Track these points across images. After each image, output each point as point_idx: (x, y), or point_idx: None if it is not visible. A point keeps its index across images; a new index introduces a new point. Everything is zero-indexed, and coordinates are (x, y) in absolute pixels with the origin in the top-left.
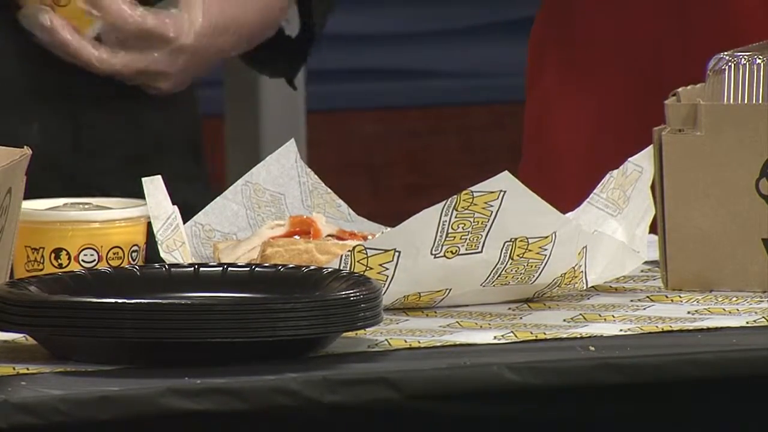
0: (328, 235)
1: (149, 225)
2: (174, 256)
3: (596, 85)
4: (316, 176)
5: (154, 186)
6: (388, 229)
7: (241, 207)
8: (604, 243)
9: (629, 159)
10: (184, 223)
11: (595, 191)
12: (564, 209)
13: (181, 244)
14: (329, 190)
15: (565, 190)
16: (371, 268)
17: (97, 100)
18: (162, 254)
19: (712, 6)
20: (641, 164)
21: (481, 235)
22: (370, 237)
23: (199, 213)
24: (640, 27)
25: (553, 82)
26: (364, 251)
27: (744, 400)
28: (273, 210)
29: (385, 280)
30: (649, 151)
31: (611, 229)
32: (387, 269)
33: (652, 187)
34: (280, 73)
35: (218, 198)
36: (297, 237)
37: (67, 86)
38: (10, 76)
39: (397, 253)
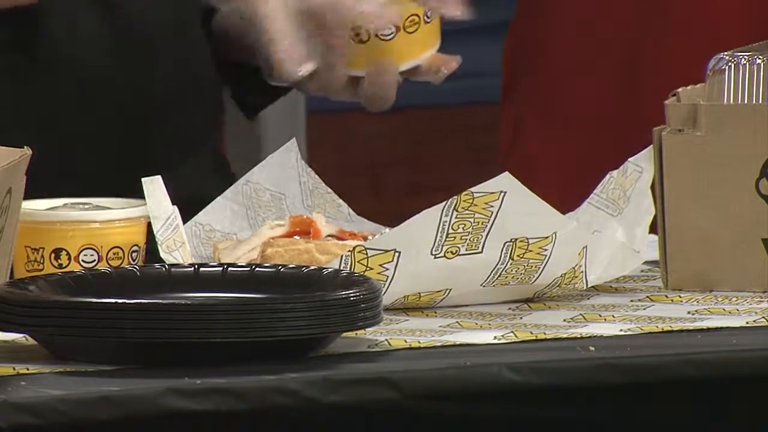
0: (328, 235)
1: (149, 225)
2: (174, 256)
3: (569, 94)
4: (316, 176)
5: (154, 186)
6: (388, 229)
7: (242, 207)
8: (604, 243)
9: (629, 159)
10: (184, 222)
11: (595, 191)
12: None
13: (181, 244)
14: (329, 190)
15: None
16: (371, 268)
17: None
18: (162, 254)
19: (690, 13)
20: (641, 164)
21: (482, 236)
22: (370, 237)
23: (200, 213)
24: (617, 33)
25: (526, 93)
26: (365, 251)
27: (744, 400)
28: (273, 210)
29: (385, 280)
30: (649, 151)
31: (611, 229)
32: (387, 269)
33: (652, 187)
34: (246, 107)
35: (218, 198)
36: (297, 237)
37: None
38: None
39: (397, 254)
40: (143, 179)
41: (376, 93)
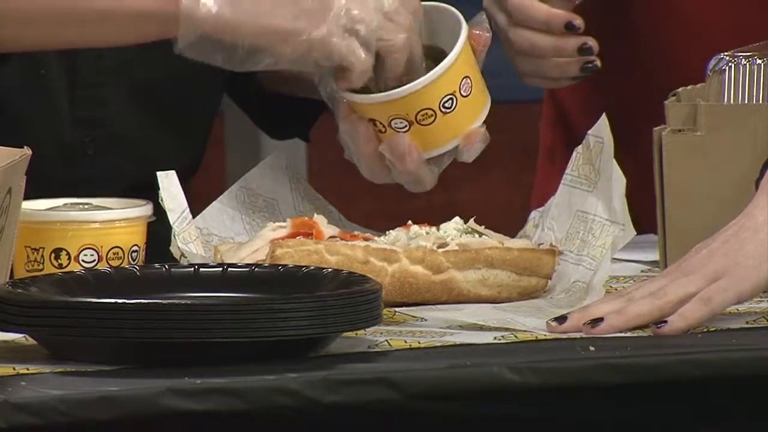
0: (331, 236)
1: (149, 225)
2: (189, 247)
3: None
4: (307, 183)
5: (169, 180)
6: (391, 232)
7: (237, 212)
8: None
9: (588, 132)
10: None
11: (566, 171)
12: None
13: (195, 237)
14: (320, 196)
15: None
16: None
17: None
18: (179, 245)
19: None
20: (600, 135)
21: None
22: (376, 238)
23: (197, 217)
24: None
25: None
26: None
27: (744, 400)
28: (267, 215)
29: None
30: (603, 120)
31: (591, 206)
32: None
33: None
34: (291, 134)
35: (214, 202)
36: (300, 238)
37: None
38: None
39: None
40: (158, 173)
41: (403, 179)
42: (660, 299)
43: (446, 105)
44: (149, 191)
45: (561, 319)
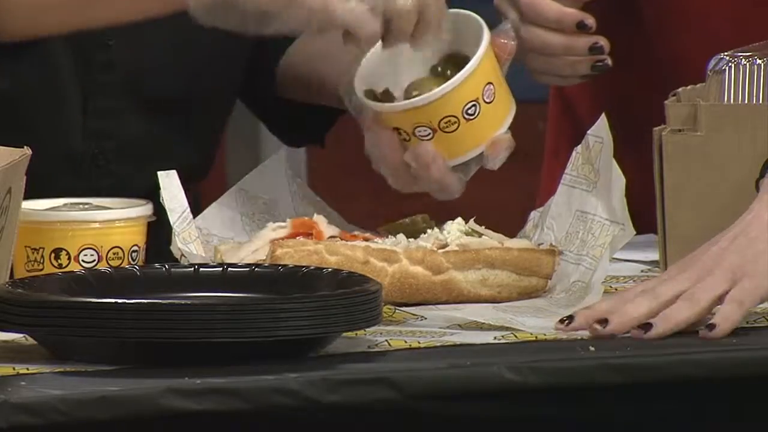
0: (330, 236)
1: (149, 225)
2: (189, 248)
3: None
4: (306, 186)
5: (170, 180)
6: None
7: (236, 213)
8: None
9: (588, 132)
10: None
11: (566, 170)
12: None
13: (195, 238)
14: (319, 198)
15: None
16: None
17: None
18: (179, 245)
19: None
20: (600, 135)
21: None
22: (377, 240)
23: (197, 217)
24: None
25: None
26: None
27: (744, 400)
28: (267, 217)
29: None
30: (603, 120)
31: (591, 206)
32: None
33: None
34: (306, 141)
35: (214, 203)
36: (300, 238)
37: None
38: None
39: None
40: (159, 173)
41: (429, 187)
42: (695, 305)
43: (469, 112)
44: (153, 198)
45: (569, 319)
